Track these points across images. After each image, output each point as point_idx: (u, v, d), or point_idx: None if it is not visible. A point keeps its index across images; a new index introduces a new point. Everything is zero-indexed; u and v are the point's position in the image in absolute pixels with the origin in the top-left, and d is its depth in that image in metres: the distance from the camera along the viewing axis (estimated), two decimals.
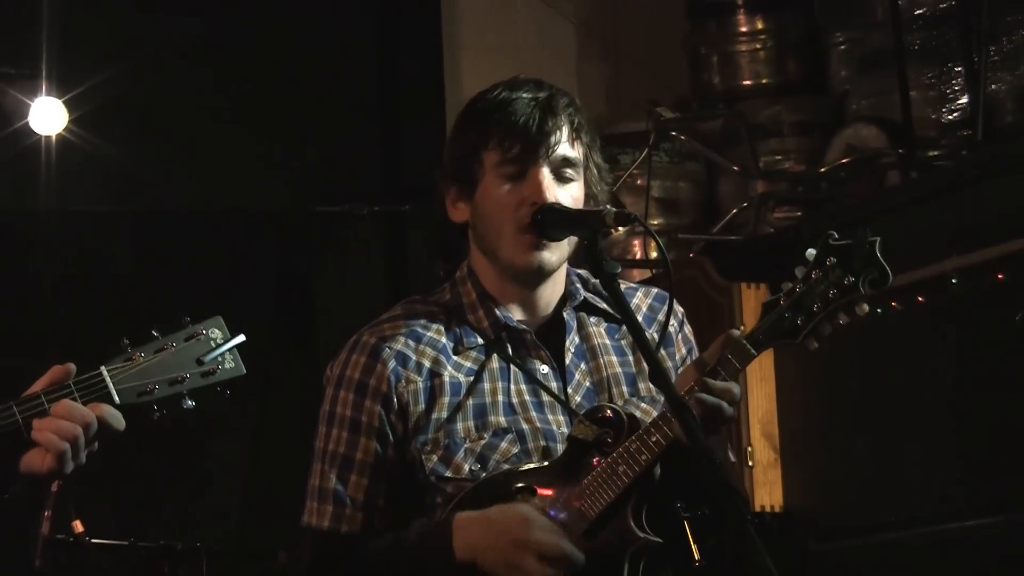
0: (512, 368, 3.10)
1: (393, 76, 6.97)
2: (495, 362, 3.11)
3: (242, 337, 2.71)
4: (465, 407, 3.07)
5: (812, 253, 2.96)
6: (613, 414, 3.00)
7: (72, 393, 2.62)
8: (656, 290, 3.25)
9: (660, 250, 2.98)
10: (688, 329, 3.24)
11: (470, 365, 3.11)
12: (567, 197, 3.06)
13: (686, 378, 2.97)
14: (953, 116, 5.79)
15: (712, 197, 6.73)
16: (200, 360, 2.68)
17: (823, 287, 2.94)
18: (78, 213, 6.51)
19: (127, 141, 6.43)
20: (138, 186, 6.49)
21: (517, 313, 3.14)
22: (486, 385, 3.09)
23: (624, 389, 3.14)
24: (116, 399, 2.64)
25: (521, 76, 3.16)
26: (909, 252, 4.83)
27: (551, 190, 3.04)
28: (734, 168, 6.50)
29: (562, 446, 3.04)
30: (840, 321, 2.96)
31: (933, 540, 5.01)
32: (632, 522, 2.95)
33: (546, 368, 3.12)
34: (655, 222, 6.41)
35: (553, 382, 3.11)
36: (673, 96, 6.79)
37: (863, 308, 2.95)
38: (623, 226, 3.02)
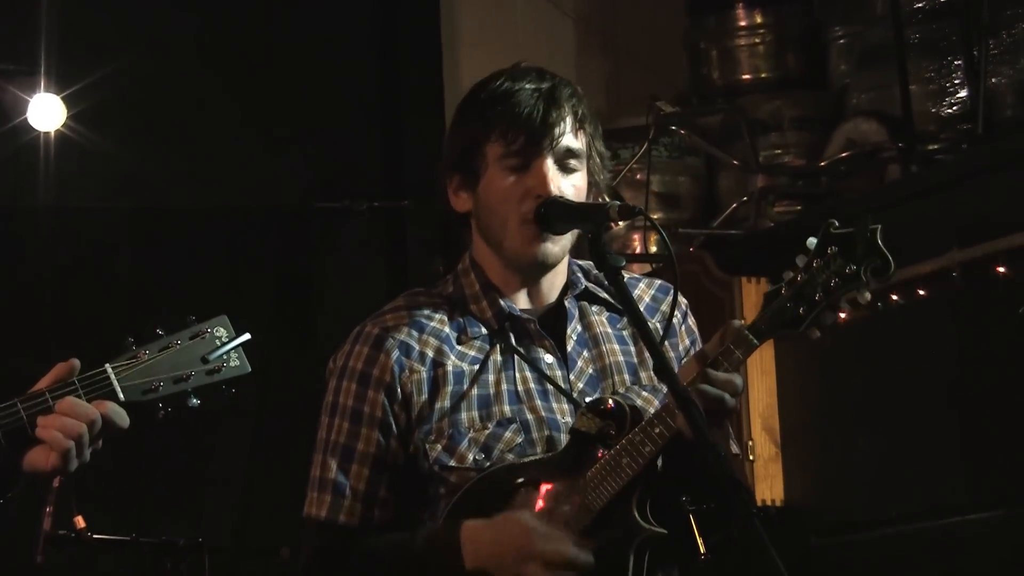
0: (516, 357, 3.09)
1: (393, 72, 6.96)
2: (499, 352, 3.09)
3: (247, 336, 2.70)
4: (469, 397, 3.06)
5: (813, 242, 2.93)
6: (616, 406, 2.98)
7: (77, 390, 2.61)
8: (659, 281, 3.24)
9: (665, 243, 2.96)
10: (692, 321, 3.23)
11: (474, 354, 3.10)
12: (571, 187, 3.05)
13: (688, 370, 2.96)
14: (953, 110, 5.79)
15: (712, 192, 6.73)
16: (205, 358, 2.67)
17: (825, 276, 2.91)
18: (77, 210, 6.50)
19: (126, 138, 6.42)
20: (137, 182, 6.48)
21: (520, 303, 3.13)
22: (490, 375, 3.08)
23: (625, 377, 3.13)
24: (121, 396, 2.63)
25: (523, 64, 3.15)
26: (910, 246, 4.83)
27: (556, 181, 3.03)
28: (734, 163, 6.50)
29: (566, 436, 3.03)
30: (842, 310, 2.94)
31: (934, 535, 5.02)
32: (637, 514, 2.94)
33: (550, 357, 3.11)
34: (655, 217, 6.39)
35: (558, 371, 3.10)
36: (672, 91, 6.79)
37: (865, 296, 2.93)
38: (627, 220, 3.00)
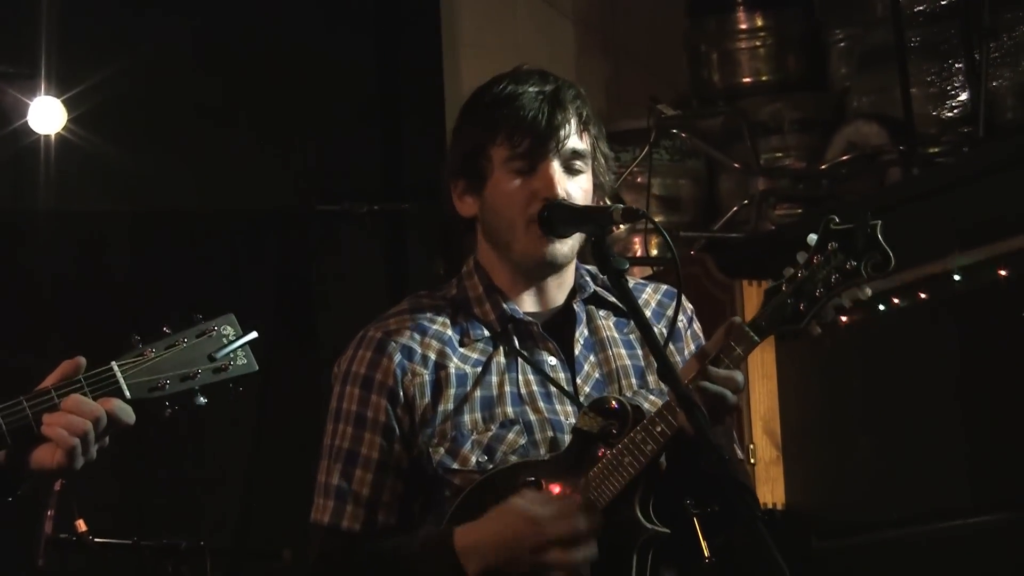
0: (519, 360, 3.09)
1: (393, 74, 6.95)
2: (502, 354, 3.10)
3: (255, 334, 2.70)
4: (472, 399, 3.06)
5: (813, 238, 2.94)
6: (618, 405, 2.99)
7: (82, 388, 2.61)
8: (665, 287, 3.25)
9: (668, 246, 2.97)
10: (697, 326, 3.24)
11: (477, 357, 3.10)
12: (577, 189, 3.06)
13: (689, 368, 2.96)
14: (954, 113, 5.78)
15: (713, 194, 6.73)
16: (212, 356, 2.67)
17: (825, 272, 2.92)
18: (77, 213, 6.50)
19: (126, 140, 6.42)
20: (137, 185, 6.48)
21: (527, 306, 3.14)
22: (493, 377, 3.08)
23: (633, 381, 3.13)
24: (127, 394, 2.63)
25: (524, 67, 3.15)
26: (911, 249, 4.81)
27: (562, 183, 3.04)
28: (735, 165, 6.49)
29: (570, 437, 3.03)
30: (843, 306, 2.94)
31: (936, 538, 5.01)
32: (639, 513, 2.94)
33: (554, 360, 3.11)
34: (655, 220, 6.40)
35: (561, 373, 3.10)
36: (673, 94, 6.79)
37: (866, 292, 2.94)
38: (631, 222, 3.01)
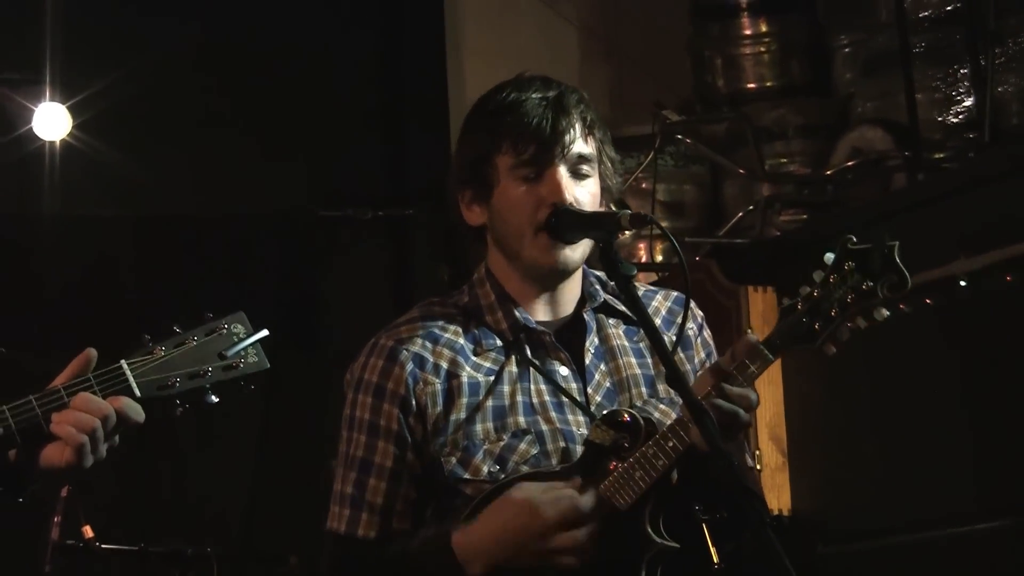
0: (531, 370, 3.08)
1: (396, 80, 6.96)
2: (514, 363, 3.08)
3: (265, 332, 2.70)
4: (484, 408, 3.05)
5: (831, 257, 2.92)
6: (630, 418, 2.97)
7: (92, 386, 2.62)
8: (676, 293, 3.24)
9: (677, 252, 2.96)
10: (707, 333, 3.22)
11: (489, 366, 3.09)
12: (585, 194, 3.05)
13: (703, 383, 2.94)
14: (959, 118, 5.79)
15: (717, 200, 6.73)
16: (222, 354, 2.66)
17: (841, 292, 2.90)
18: (82, 218, 6.51)
19: (131, 146, 6.43)
20: (142, 191, 6.49)
21: (538, 314, 3.13)
22: (505, 386, 3.07)
23: (643, 390, 3.12)
24: (137, 392, 2.63)
25: (527, 74, 3.14)
26: (916, 255, 4.79)
27: (570, 189, 3.03)
28: (739, 171, 6.50)
29: (582, 447, 3.02)
30: (858, 326, 2.92)
31: (942, 544, 5.01)
32: (649, 528, 2.93)
33: (565, 370, 3.10)
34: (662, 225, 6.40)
35: (573, 383, 3.09)
36: (677, 99, 6.79)
37: (882, 313, 2.91)
38: (638, 228, 3.00)
